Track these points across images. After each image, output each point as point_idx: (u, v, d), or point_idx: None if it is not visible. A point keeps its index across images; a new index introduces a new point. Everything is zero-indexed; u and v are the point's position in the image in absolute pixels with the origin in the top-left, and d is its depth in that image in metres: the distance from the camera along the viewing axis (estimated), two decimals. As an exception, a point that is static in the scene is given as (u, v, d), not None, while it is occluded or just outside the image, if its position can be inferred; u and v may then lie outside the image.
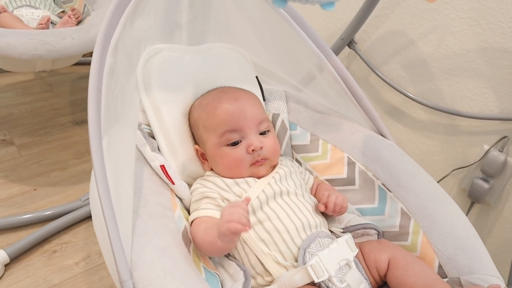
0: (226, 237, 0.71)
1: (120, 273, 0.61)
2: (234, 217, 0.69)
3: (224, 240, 0.72)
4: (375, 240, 0.87)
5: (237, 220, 0.69)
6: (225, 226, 0.69)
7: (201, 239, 0.76)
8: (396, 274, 0.77)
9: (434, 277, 0.75)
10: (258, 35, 1.05)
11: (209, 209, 0.83)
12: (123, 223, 0.65)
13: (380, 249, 0.82)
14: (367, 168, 0.96)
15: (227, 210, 0.72)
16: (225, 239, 0.71)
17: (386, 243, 0.85)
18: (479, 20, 1.19)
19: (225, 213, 0.72)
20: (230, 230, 0.69)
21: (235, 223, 0.68)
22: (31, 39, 1.29)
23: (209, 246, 0.75)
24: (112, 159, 0.67)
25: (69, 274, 1.27)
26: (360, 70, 1.54)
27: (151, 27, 0.90)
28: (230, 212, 0.71)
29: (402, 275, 0.76)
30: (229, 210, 0.71)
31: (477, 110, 1.26)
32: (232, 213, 0.70)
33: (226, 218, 0.70)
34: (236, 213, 0.70)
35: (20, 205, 1.49)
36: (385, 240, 0.87)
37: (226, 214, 0.71)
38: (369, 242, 0.86)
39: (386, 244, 0.84)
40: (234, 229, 0.68)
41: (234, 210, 0.71)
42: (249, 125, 0.89)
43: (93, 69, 0.66)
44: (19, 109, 2.02)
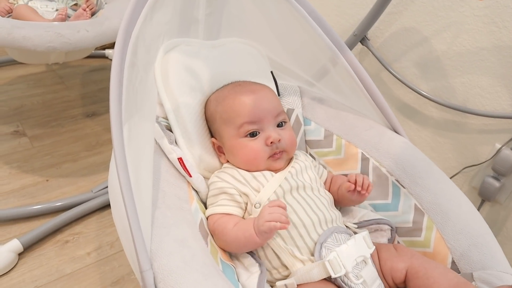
0: (265, 235, 0.75)
1: (141, 263, 0.62)
2: (275, 217, 0.73)
3: (262, 237, 0.76)
4: (392, 246, 0.87)
5: (278, 219, 0.73)
6: (266, 225, 0.73)
7: (234, 236, 0.78)
8: (418, 284, 0.77)
9: (456, 279, 0.74)
10: (273, 30, 1.06)
11: (227, 205, 0.84)
12: (143, 214, 0.66)
13: (397, 257, 0.82)
14: (381, 164, 0.96)
15: (267, 210, 0.75)
16: (264, 236, 0.76)
17: (403, 250, 0.84)
18: (494, 18, 1.18)
19: (265, 213, 0.75)
20: (270, 228, 0.73)
21: (274, 223, 0.73)
22: (47, 31, 1.30)
23: (244, 242, 0.78)
24: (132, 151, 0.68)
25: (81, 264, 1.29)
26: (372, 67, 1.54)
27: (169, 21, 0.90)
28: (270, 212, 0.74)
29: (424, 284, 0.76)
30: (269, 210, 0.75)
31: (489, 108, 1.26)
32: (272, 213, 0.74)
33: (266, 218, 0.74)
34: (276, 213, 0.74)
35: (32, 195, 1.51)
36: (402, 246, 0.87)
37: (266, 213, 0.75)
38: (386, 247, 0.86)
39: (403, 252, 0.83)
40: (274, 227, 0.73)
41: (274, 210, 0.75)
42: (267, 117, 0.89)
43: (115, 62, 0.67)
44: (31, 101, 2.03)
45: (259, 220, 0.75)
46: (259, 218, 0.75)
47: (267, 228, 0.73)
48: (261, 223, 0.74)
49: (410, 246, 0.88)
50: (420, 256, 0.81)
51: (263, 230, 0.73)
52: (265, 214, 0.75)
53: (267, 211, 0.75)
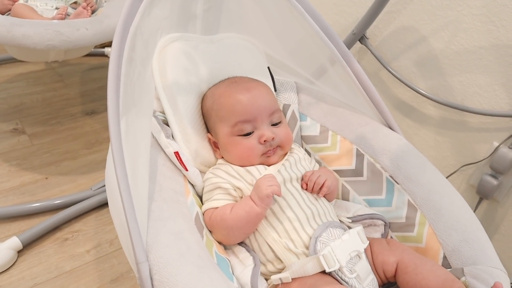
0: (267, 199, 0.78)
1: (137, 255, 0.63)
2: (274, 182, 0.79)
3: (263, 203, 0.79)
4: (384, 240, 0.88)
5: (277, 184, 0.79)
6: (269, 189, 0.77)
7: (235, 216, 0.80)
8: (406, 279, 0.78)
9: (445, 276, 0.75)
10: (271, 27, 1.06)
11: (222, 199, 0.85)
12: (139, 206, 0.66)
13: (389, 251, 0.82)
14: (375, 160, 0.97)
15: (264, 179, 0.80)
16: (265, 201, 0.79)
17: (395, 244, 0.85)
18: (492, 17, 1.19)
19: (264, 181, 0.80)
20: (274, 191, 0.78)
21: (275, 186, 0.78)
22: (46, 30, 1.30)
23: (246, 217, 0.80)
24: (129, 145, 0.68)
25: (80, 262, 1.29)
26: (371, 65, 1.55)
27: (167, 16, 0.91)
28: (268, 180, 0.80)
29: (413, 279, 0.76)
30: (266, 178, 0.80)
31: (487, 106, 1.27)
32: (270, 180, 0.79)
33: (267, 183, 0.78)
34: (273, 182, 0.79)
35: (32, 193, 1.51)
36: (394, 241, 0.88)
37: (265, 181, 0.79)
38: (378, 241, 0.87)
39: (394, 246, 0.84)
40: (277, 191, 0.78)
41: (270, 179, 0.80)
42: (261, 116, 0.90)
43: (113, 56, 0.67)
44: (30, 99, 2.04)
45: (260, 187, 0.78)
46: (259, 186, 0.79)
47: (271, 191, 0.77)
48: (264, 188, 0.78)
49: (403, 241, 0.89)
50: (411, 252, 0.82)
51: (266, 194, 0.77)
52: (265, 181, 0.79)
53: (266, 179, 0.79)
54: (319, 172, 0.91)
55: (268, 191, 0.77)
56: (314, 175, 0.89)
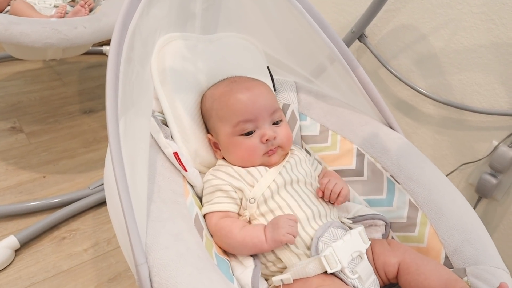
0: (279, 244, 0.77)
1: (136, 256, 0.62)
2: (294, 231, 0.76)
3: (274, 245, 0.77)
4: (385, 241, 0.87)
5: (295, 233, 0.76)
6: (287, 237, 0.75)
7: (242, 239, 0.79)
8: (408, 280, 0.77)
9: (448, 276, 0.75)
10: (271, 26, 1.05)
11: (223, 203, 0.85)
12: (138, 207, 0.66)
13: (390, 251, 0.82)
14: (376, 159, 0.96)
15: (286, 222, 0.77)
16: (276, 245, 0.77)
17: (396, 245, 0.85)
18: (492, 16, 1.18)
19: (285, 224, 0.77)
20: (289, 241, 0.76)
21: (292, 236, 0.76)
22: (44, 28, 1.29)
23: (251, 247, 0.78)
24: (128, 145, 0.68)
25: (77, 261, 1.29)
26: (370, 64, 1.54)
27: (166, 15, 0.90)
28: (290, 225, 0.77)
29: (415, 279, 0.76)
30: (289, 223, 0.77)
31: (487, 105, 1.26)
32: (292, 226, 0.77)
33: (287, 229, 0.76)
34: (294, 228, 0.77)
35: (29, 192, 1.51)
36: (395, 241, 0.88)
37: (286, 225, 0.76)
38: (380, 242, 0.86)
39: (396, 247, 0.84)
40: (292, 241, 0.76)
41: (293, 224, 0.77)
42: (263, 115, 0.89)
43: (111, 56, 0.67)
44: (28, 97, 2.03)
45: (278, 230, 0.76)
46: (278, 228, 0.76)
47: (287, 239, 0.75)
48: (282, 233, 0.75)
49: (404, 241, 0.88)
50: (413, 252, 0.82)
51: (281, 240, 0.75)
52: (285, 225, 0.76)
53: (288, 223, 0.77)
54: (335, 180, 0.90)
55: (285, 239, 0.75)
56: (330, 183, 0.88)
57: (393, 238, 0.91)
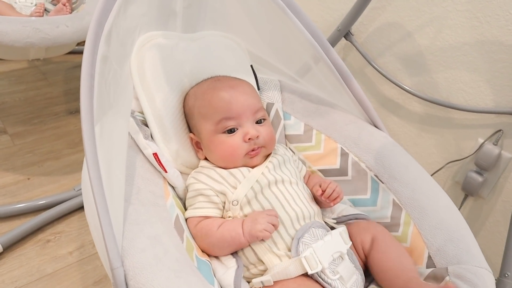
0: (255, 239, 0.77)
1: (111, 260, 0.61)
2: (270, 228, 0.76)
3: (251, 239, 0.77)
4: (361, 221, 0.88)
5: (271, 231, 0.76)
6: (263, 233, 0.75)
7: (220, 236, 0.78)
8: (374, 257, 0.80)
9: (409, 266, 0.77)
10: (254, 24, 1.04)
11: (204, 208, 0.84)
12: (115, 210, 0.65)
13: (365, 229, 0.84)
14: (360, 159, 0.96)
15: (264, 218, 0.77)
16: (253, 239, 0.77)
17: (373, 224, 0.86)
18: (476, 13, 1.18)
19: (263, 220, 0.76)
20: (265, 237, 0.76)
21: (269, 233, 0.76)
22: (24, 27, 1.27)
23: (230, 241, 0.78)
24: (104, 147, 0.66)
25: (62, 264, 1.27)
26: (356, 62, 1.54)
27: (145, 13, 0.89)
28: (269, 221, 0.77)
29: (379, 258, 0.79)
30: (267, 219, 0.77)
31: (472, 103, 1.26)
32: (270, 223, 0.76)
33: (264, 226, 0.76)
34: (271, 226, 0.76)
35: (13, 194, 1.48)
36: (370, 221, 0.89)
37: (264, 222, 0.76)
38: (356, 223, 0.87)
39: (371, 225, 0.86)
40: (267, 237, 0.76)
41: (271, 220, 0.77)
42: (246, 113, 0.88)
43: (86, 55, 0.65)
44: (13, 98, 2.00)
45: (255, 225, 0.76)
46: (255, 223, 0.76)
47: (263, 236, 0.75)
48: (258, 229, 0.75)
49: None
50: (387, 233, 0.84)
51: (257, 235, 0.75)
52: (263, 222, 0.76)
53: (266, 219, 0.77)
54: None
55: (261, 234, 0.75)
56: (333, 183, 0.88)
57: None
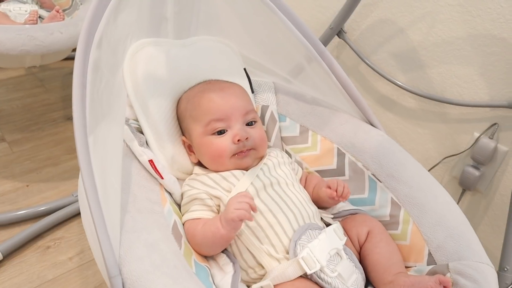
0: (232, 224, 0.74)
1: (109, 269, 0.61)
2: (243, 206, 0.73)
3: (229, 227, 0.75)
4: (357, 215, 0.89)
5: (246, 208, 0.73)
6: (236, 212, 0.73)
7: (202, 234, 0.78)
8: (366, 247, 0.81)
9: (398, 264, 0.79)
10: (245, 27, 1.04)
11: (199, 210, 0.84)
12: (111, 219, 0.65)
13: (362, 222, 0.85)
14: (356, 158, 0.96)
15: (235, 199, 0.75)
16: (231, 226, 0.75)
17: (367, 217, 0.87)
18: (468, 7, 1.18)
19: (234, 202, 0.75)
20: (239, 216, 0.73)
21: (244, 211, 0.73)
22: (19, 35, 1.27)
23: (211, 238, 0.77)
24: (99, 155, 0.66)
25: (63, 270, 1.27)
26: (350, 60, 1.54)
27: (136, 21, 0.89)
28: (238, 201, 0.75)
29: (370, 250, 0.80)
30: (237, 199, 0.75)
31: (467, 97, 1.26)
32: (240, 202, 0.74)
33: (235, 206, 0.74)
34: (244, 203, 0.74)
35: (12, 201, 1.48)
36: (366, 215, 0.89)
37: (234, 202, 0.75)
38: (351, 217, 0.88)
39: (367, 218, 0.86)
40: (243, 216, 0.73)
41: (242, 199, 0.75)
42: (235, 115, 0.89)
43: (77, 65, 0.65)
44: (10, 105, 2.00)
45: (228, 209, 0.75)
46: (227, 207, 0.75)
47: (236, 215, 0.73)
48: (230, 211, 0.74)
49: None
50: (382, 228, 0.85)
51: (232, 217, 0.73)
52: (234, 202, 0.75)
53: (236, 200, 0.75)
54: None
55: (233, 215, 0.73)
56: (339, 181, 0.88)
57: None
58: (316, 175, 1.00)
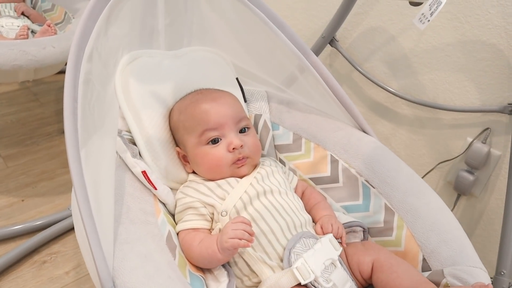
0: (228, 251, 0.74)
1: (102, 281, 0.61)
2: (238, 234, 0.73)
3: (225, 254, 0.75)
4: (359, 242, 0.88)
5: (241, 236, 0.72)
6: (230, 242, 0.72)
7: (199, 253, 0.78)
8: (381, 278, 0.77)
9: (419, 278, 0.75)
10: (236, 37, 1.05)
11: (192, 220, 0.84)
12: (104, 231, 0.64)
13: (364, 251, 0.82)
14: (350, 165, 0.96)
15: (230, 227, 0.74)
16: (227, 253, 0.75)
17: (370, 245, 0.85)
18: (457, 14, 1.20)
19: (229, 229, 0.74)
20: (234, 246, 0.72)
21: (238, 240, 0.72)
22: (11, 50, 1.28)
23: (208, 258, 0.77)
24: (91, 168, 0.66)
25: (59, 284, 1.26)
26: (342, 68, 1.55)
27: (127, 34, 0.89)
28: (233, 229, 0.74)
29: (387, 278, 0.76)
30: (232, 226, 0.74)
31: (459, 103, 1.27)
32: (236, 229, 0.73)
33: (230, 234, 0.73)
34: (240, 230, 0.73)
35: (8, 216, 1.47)
36: (369, 242, 0.88)
37: (229, 230, 0.74)
38: (353, 244, 0.86)
39: (370, 246, 0.84)
40: (237, 245, 0.72)
41: (237, 226, 0.74)
42: (228, 123, 0.89)
43: (67, 79, 0.66)
44: (4, 120, 2.00)
45: (222, 237, 0.74)
46: (222, 235, 0.74)
47: (230, 245, 0.72)
48: (224, 240, 0.73)
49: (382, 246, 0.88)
50: (387, 252, 0.82)
51: (226, 247, 0.73)
52: (228, 230, 0.74)
53: (231, 228, 0.74)
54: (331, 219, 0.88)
55: (228, 245, 0.72)
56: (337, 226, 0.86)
57: None
58: (315, 193, 0.99)
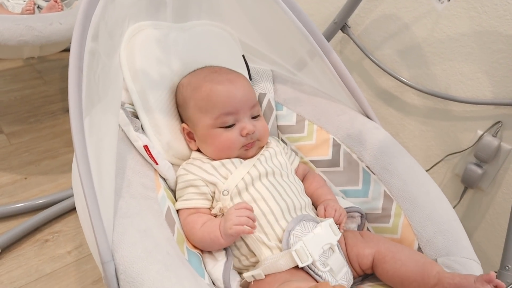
0: (231, 237, 0.76)
1: (102, 254, 0.60)
2: (242, 221, 0.73)
3: (228, 239, 0.76)
4: (358, 232, 0.87)
5: (245, 222, 0.73)
6: (234, 229, 0.73)
7: (201, 236, 0.78)
8: (386, 268, 0.77)
9: (423, 259, 0.75)
10: (246, 14, 1.03)
11: (193, 199, 0.84)
12: (105, 204, 0.64)
13: (363, 243, 0.82)
14: (352, 150, 0.95)
15: (234, 213, 0.75)
16: (230, 239, 0.76)
17: (370, 236, 0.85)
18: (474, 3, 1.17)
19: (233, 215, 0.74)
20: (238, 232, 0.73)
21: (242, 227, 0.72)
22: (17, 25, 1.26)
23: (210, 243, 0.77)
24: (94, 140, 0.65)
25: (61, 263, 1.26)
26: (353, 55, 1.52)
27: (134, 4, 0.88)
28: (238, 215, 0.74)
29: (393, 267, 0.76)
30: (237, 213, 0.74)
31: (471, 95, 1.25)
32: (240, 216, 0.74)
33: (234, 221, 0.73)
34: (244, 216, 0.74)
35: (10, 194, 1.47)
36: (368, 232, 0.88)
37: (233, 217, 0.74)
38: (352, 234, 0.86)
39: (369, 238, 0.84)
40: (242, 232, 0.73)
41: (241, 213, 0.74)
42: (244, 108, 0.88)
43: (73, 48, 0.64)
44: (8, 97, 1.99)
45: (226, 223, 0.74)
46: (226, 221, 0.74)
47: (235, 232, 0.73)
48: (228, 226, 0.73)
49: (378, 232, 0.89)
50: (387, 241, 0.82)
51: (230, 233, 0.73)
52: (233, 217, 0.74)
53: (235, 214, 0.74)
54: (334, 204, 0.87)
55: (232, 231, 0.73)
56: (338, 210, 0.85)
57: (368, 229, 0.91)
58: (317, 177, 0.98)
